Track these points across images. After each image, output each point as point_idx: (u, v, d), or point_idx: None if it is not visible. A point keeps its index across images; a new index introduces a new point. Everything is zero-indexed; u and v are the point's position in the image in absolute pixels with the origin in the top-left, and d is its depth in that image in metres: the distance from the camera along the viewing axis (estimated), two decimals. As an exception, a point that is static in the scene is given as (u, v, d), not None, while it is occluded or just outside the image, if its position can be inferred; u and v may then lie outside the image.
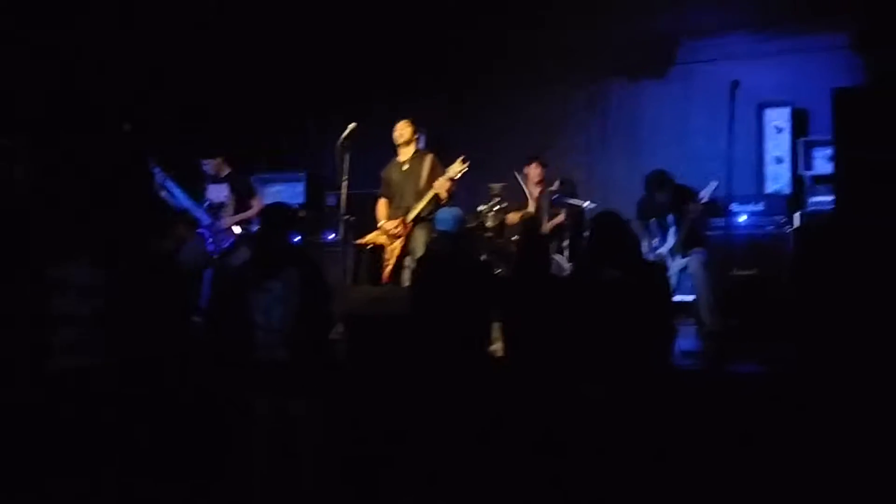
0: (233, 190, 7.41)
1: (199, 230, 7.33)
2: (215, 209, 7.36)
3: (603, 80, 9.35)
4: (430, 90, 9.58)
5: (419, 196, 7.28)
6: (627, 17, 8.62)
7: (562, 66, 9.23)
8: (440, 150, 8.82)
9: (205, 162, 7.46)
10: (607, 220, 5.03)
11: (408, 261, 7.21)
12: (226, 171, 7.49)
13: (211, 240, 7.26)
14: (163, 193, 7.28)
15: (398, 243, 7.25)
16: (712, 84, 8.05)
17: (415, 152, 7.54)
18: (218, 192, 7.42)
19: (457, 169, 7.18)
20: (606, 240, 4.89)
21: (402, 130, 7.46)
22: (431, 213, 7.03)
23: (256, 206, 7.37)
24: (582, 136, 9.42)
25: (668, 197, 6.75)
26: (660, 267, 5.69)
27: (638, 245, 5.33)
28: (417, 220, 7.27)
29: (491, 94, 9.53)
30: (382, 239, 7.38)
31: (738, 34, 8.63)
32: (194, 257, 7.29)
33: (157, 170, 7.24)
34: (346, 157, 7.09)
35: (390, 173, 7.56)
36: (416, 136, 7.57)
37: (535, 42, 9.07)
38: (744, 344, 5.99)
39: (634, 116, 9.20)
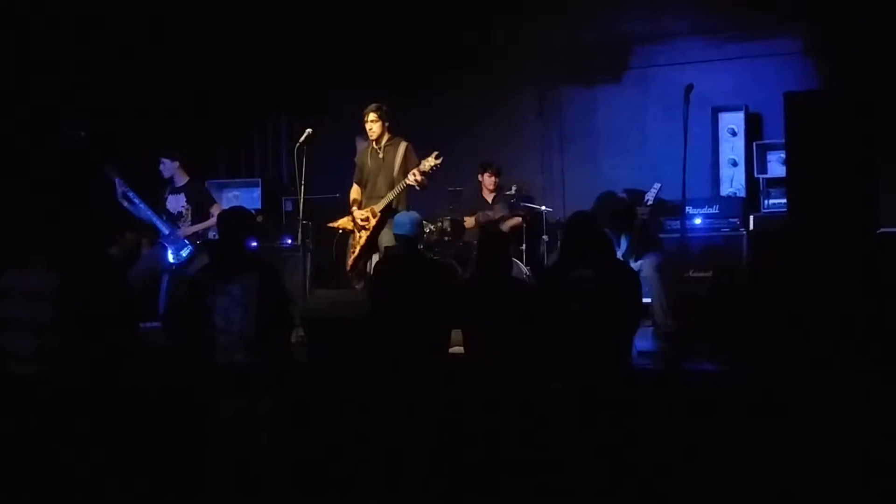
0: (190, 199, 7.37)
1: (159, 240, 7.29)
2: (174, 219, 7.32)
3: (559, 85, 9.39)
4: (385, 94, 9.55)
5: (391, 186, 7.09)
6: (582, 22, 8.73)
7: (518, 70, 9.28)
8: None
9: (163, 160, 7.37)
10: (581, 221, 5.08)
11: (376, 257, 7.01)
12: (183, 179, 7.43)
13: (171, 250, 7.21)
14: (124, 204, 7.22)
15: (365, 234, 7.10)
16: (667, 88, 8.13)
17: (389, 139, 7.26)
18: (176, 203, 7.38)
19: (430, 163, 6.95)
20: (580, 240, 4.93)
21: (373, 125, 7.19)
22: (400, 204, 7.03)
23: (216, 214, 7.32)
24: (538, 140, 9.46)
25: (616, 218, 6.84)
26: (630, 268, 5.73)
27: (611, 245, 5.38)
28: (386, 211, 7.05)
29: (447, 98, 9.53)
30: (351, 225, 7.24)
31: (693, 39, 8.73)
32: (150, 266, 7.25)
33: (117, 181, 7.18)
34: (303, 162, 7.06)
35: (364, 159, 7.35)
36: (387, 124, 7.24)
37: (491, 46, 9.12)
38: (700, 344, 6.05)
39: (590, 121, 9.25)
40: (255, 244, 5.01)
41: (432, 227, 8.03)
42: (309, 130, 7.05)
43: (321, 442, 5.52)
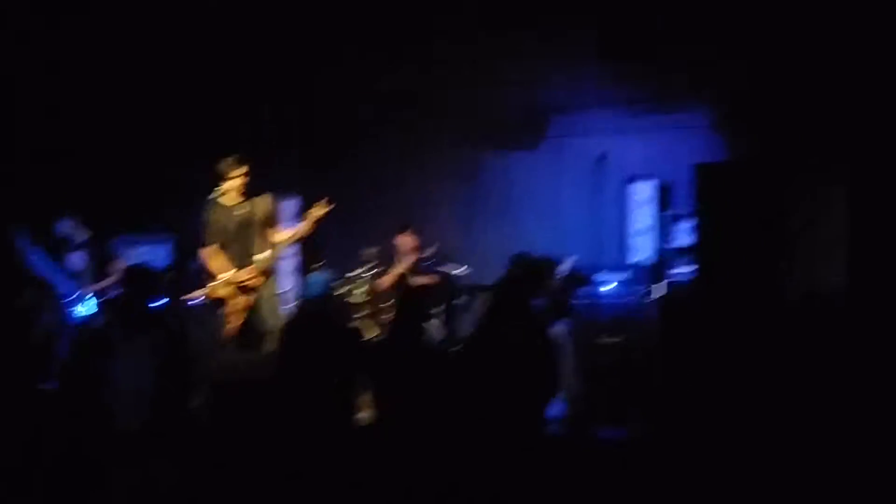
0: (91, 256, 7.24)
1: (58, 298, 7.14)
2: (76, 277, 7.19)
3: (477, 150, 9.50)
4: (306, 155, 9.57)
5: (262, 243, 6.74)
6: (501, 89, 8.85)
7: (438, 134, 9.38)
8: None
9: (59, 222, 7.27)
10: (507, 285, 5.11)
11: (268, 317, 6.72)
12: (84, 236, 7.31)
13: (72, 307, 7.06)
14: (26, 261, 7.09)
15: (244, 297, 6.71)
16: (581, 157, 8.32)
17: (252, 195, 6.85)
18: (77, 260, 7.26)
19: (320, 211, 6.75)
20: (506, 303, 4.94)
21: (240, 181, 6.75)
22: (274, 263, 6.86)
23: (118, 272, 7.17)
24: (456, 204, 9.53)
25: (529, 277, 6.90)
26: (548, 332, 5.76)
27: (534, 310, 5.40)
28: (270, 271, 6.78)
29: (367, 160, 9.57)
30: (223, 292, 6.69)
31: (607, 110, 8.92)
32: (46, 324, 7.07)
33: (19, 238, 7.04)
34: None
35: (219, 217, 6.78)
36: (249, 175, 6.84)
37: (413, 110, 9.20)
38: (608, 410, 6.08)
39: (507, 187, 9.37)
40: (162, 302, 4.90)
41: (346, 288, 7.99)
42: (222, 185, 6.92)
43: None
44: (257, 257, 6.73)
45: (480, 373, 4.84)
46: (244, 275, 6.72)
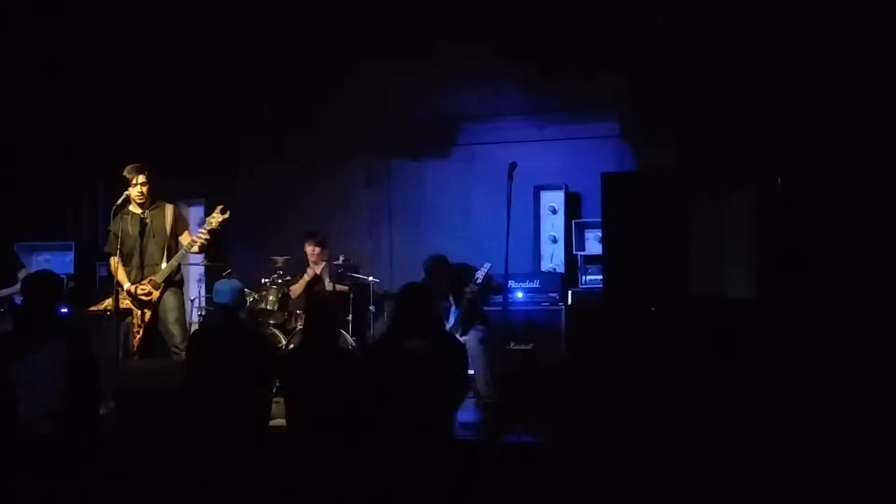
0: None
1: None
2: None
3: (388, 157, 9.49)
4: (215, 160, 9.43)
5: (164, 252, 6.67)
6: (412, 97, 8.88)
7: (347, 142, 9.34)
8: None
9: None
10: (414, 292, 5.09)
11: (171, 329, 6.63)
12: None
13: None
14: None
15: (148, 310, 6.62)
16: (492, 165, 8.35)
17: (154, 202, 6.78)
18: None
19: (218, 219, 6.65)
20: (412, 311, 4.93)
21: (142, 188, 6.65)
22: (178, 271, 6.78)
23: (22, 278, 6.96)
24: (366, 211, 9.51)
25: (446, 282, 6.93)
26: (457, 339, 5.79)
27: (441, 318, 5.41)
28: (168, 281, 6.66)
29: (276, 168, 9.49)
30: (127, 303, 6.61)
31: (517, 119, 9.01)
32: None
33: None
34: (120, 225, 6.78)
35: (124, 227, 6.68)
36: (152, 183, 6.74)
37: (321, 118, 9.17)
38: (519, 415, 6.14)
39: (418, 195, 9.37)
40: (65, 310, 4.77)
41: (256, 296, 7.89)
42: (127, 192, 6.77)
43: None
44: (157, 269, 6.64)
45: (390, 380, 4.83)
46: (140, 289, 6.62)
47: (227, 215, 6.67)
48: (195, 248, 6.67)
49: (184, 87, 8.71)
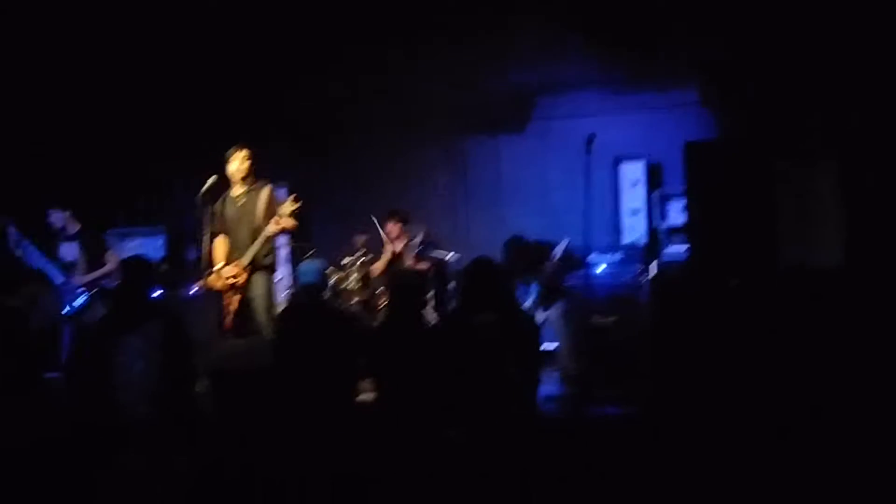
0: (83, 247, 7.24)
1: (54, 289, 7.14)
2: (68, 268, 7.18)
3: (463, 136, 9.51)
4: (294, 141, 9.57)
5: (254, 235, 6.64)
6: (487, 74, 8.86)
7: (423, 120, 9.38)
8: (304, 202, 8.78)
9: (51, 213, 7.26)
10: (483, 267, 5.08)
11: (259, 311, 6.65)
12: (75, 227, 7.31)
13: (65, 298, 7.07)
14: (18, 252, 7.08)
15: (237, 293, 6.65)
16: (569, 139, 8.30)
17: (251, 185, 6.82)
18: (69, 251, 7.26)
19: (289, 208, 6.60)
20: (482, 286, 4.93)
21: (242, 165, 6.76)
22: (269, 254, 6.78)
23: (112, 262, 7.18)
24: (443, 190, 9.54)
25: (523, 261, 6.92)
26: (527, 313, 5.78)
27: (513, 291, 5.40)
28: (255, 264, 6.66)
29: (355, 147, 9.59)
30: (220, 284, 6.67)
31: (593, 91, 8.94)
32: (45, 314, 7.07)
33: (11, 229, 7.04)
34: (208, 209, 6.92)
35: (224, 208, 6.82)
36: (253, 168, 6.84)
37: (398, 96, 9.20)
38: (603, 388, 6.13)
39: (494, 171, 9.39)
40: (158, 293, 4.91)
41: (339, 276, 8.01)
42: (214, 177, 6.87)
43: (226, 496, 5.38)
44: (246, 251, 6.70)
45: (461, 354, 4.84)
46: (228, 272, 6.66)
47: (299, 203, 6.67)
48: (272, 234, 6.66)
49: (266, 70, 8.84)
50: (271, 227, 6.59)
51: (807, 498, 4.66)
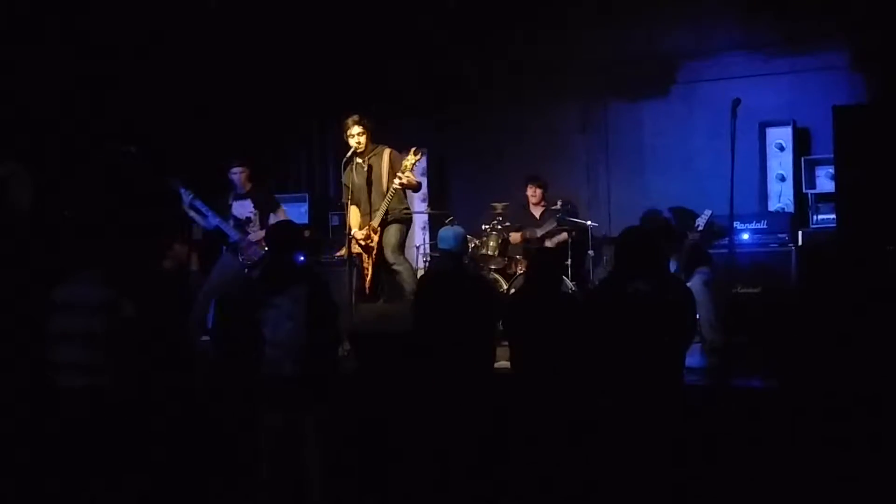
0: (256, 205, 7.49)
1: (226, 247, 7.44)
2: (242, 225, 7.44)
3: (604, 100, 9.37)
4: (430, 110, 9.64)
5: (382, 197, 6.88)
6: (629, 36, 8.74)
7: (562, 85, 9.29)
8: (441, 169, 8.89)
9: (233, 170, 7.49)
10: (635, 236, 5.03)
11: (390, 254, 6.89)
12: (247, 185, 7.55)
13: (241, 255, 7.33)
14: (191, 213, 7.35)
15: (371, 255, 6.92)
16: (714, 103, 8.10)
17: (373, 148, 7.02)
18: (243, 209, 7.50)
19: (411, 160, 6.79)
20: (634, 254, 4.88)
21: (360, 138, 6.92)
22: (399, 210, 6.94)
23: (281, 219, 7.45)
24: (583, 155, 9.44)
25: (660, 234, 6.77)
26: (684, 283, 5.66)
27: (666, 260, 5.32)
28: (384, 222, 6.89)
29: (492, 113, 9.57)
30: (356, 249, 6.95)
31: (739, 54, 8.66)
32: (224, 273, 7.35)
33: (183, 191, 7.31)
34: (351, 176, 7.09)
35: (351, 177, 7.06)
36: (370, 134, 6.98)
37: (536, 61, 9.15)
38: (748, 360, 5.99)
39: (636, 136, 9.22)
40: (302, 258, 5.05)
41: (477, 242, 8.05)
42: (355, 146, 7.04)
43: (365, 455, 5.54)
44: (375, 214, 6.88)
45: (614, 323, 4.81)
46: (360, 235, 6.91)
47: (419, 156, 6.85)
48: (396, 189, 6.82)
49: (403, 38, 8.94)
50: (395, 183, 6.77)
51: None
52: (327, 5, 8.52)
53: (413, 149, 6.89)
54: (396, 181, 6.79)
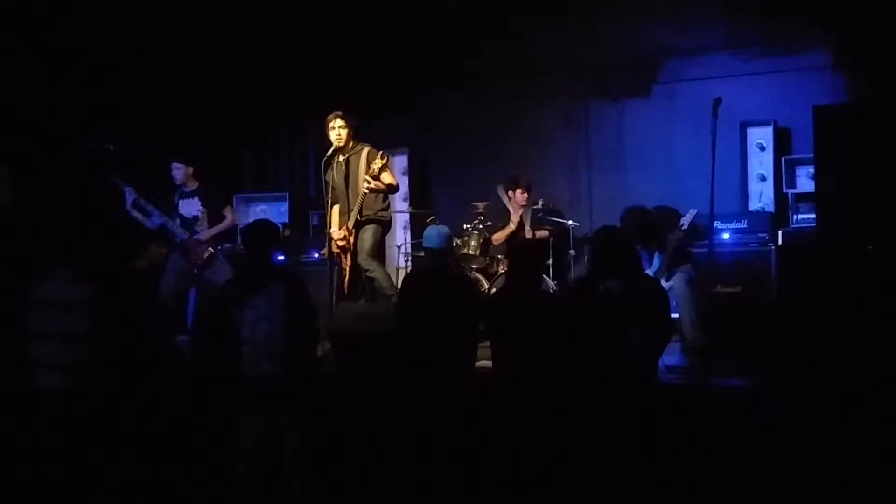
0: (204, 203, 7.43)
1: (173, 248, 7.34)
2: (189, 224, 7.36)
3: (585, 99, 9.37)
4: (411, 109, 9.62)
5: (357, 196, 6.83)
6: (610, 36, 8.73)
7: (544, 85, 9.29)
8: (423, 168, 8.85)
9: (175, 165, 7.42)
10: (609, 234, 5.04)
11: (361, 259, 6.81)
12: (194, 184, 7.49)
13: (188, 255, 7.25)
14: (134, 213, 7.24)
15: (349, 254, 6.89)
16: (695, 103, 8.08)
17: (353, 146, 6.93)
18: (190, 207, 7.43)
19: (377, 164, 6.69)
20: (608, 254, 4.89)
21: (340, 131, 6.87)
22: (375, 210, 6.86)
23: (230, 217, 7.43)
24: (564, 154, 9.44)
25: (642, 231, 6.76)
26: (657, 282, 5.69)
27: (639, 260, 5.33)
28: (358, 223, 6.83)
29: (474, 113, 9.55)
30: (334, 249, 6.94)
31: (720, 53, 8.69)
32: (180, 277, 7.28)
33: (128, 190, 7.21)
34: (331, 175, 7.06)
35: (333, 175, 7.00)
36: (352, 131, 6.92)
37: (518, 60, 9.14)
38: (727, 359, 6.00)
39: (617, 135, 9.22)
40: (281, 258, 5.01)
41: (458, 241, 8.04)
42: (336, 144, 7.01)
43: (346, 455, 5.52)
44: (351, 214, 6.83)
45: (586, 321, 4.81)
46: (338, 236, 6.88)
47: (385, 160, 6.76)
48: (364, 192, 6.76)
49: (384, 37, 8.91)
50: (362, 187, 6.73)
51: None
52: (309, 4, 8.49)
53: (381, 152, 6.82)
54: (364, 185, 6.73)
